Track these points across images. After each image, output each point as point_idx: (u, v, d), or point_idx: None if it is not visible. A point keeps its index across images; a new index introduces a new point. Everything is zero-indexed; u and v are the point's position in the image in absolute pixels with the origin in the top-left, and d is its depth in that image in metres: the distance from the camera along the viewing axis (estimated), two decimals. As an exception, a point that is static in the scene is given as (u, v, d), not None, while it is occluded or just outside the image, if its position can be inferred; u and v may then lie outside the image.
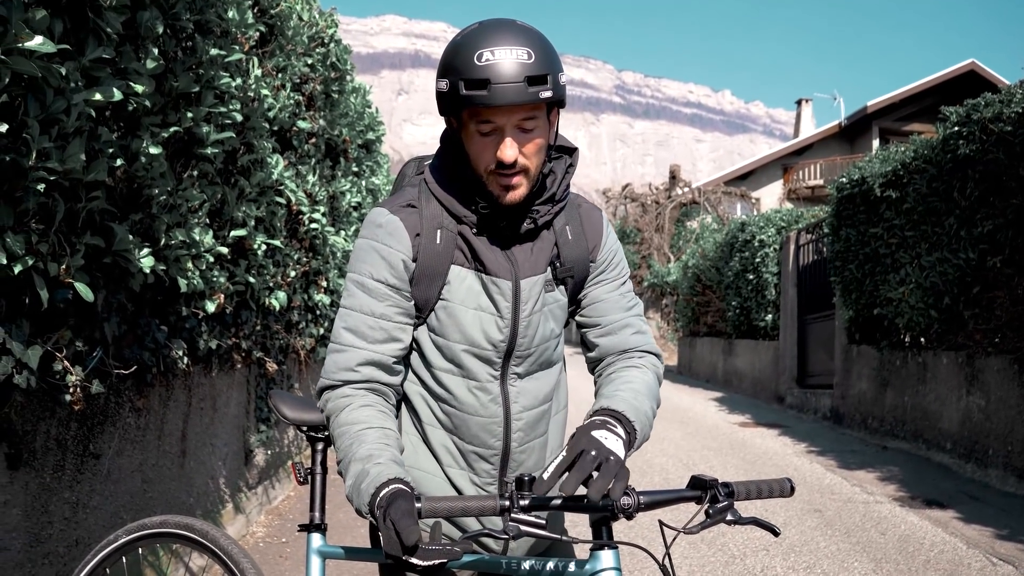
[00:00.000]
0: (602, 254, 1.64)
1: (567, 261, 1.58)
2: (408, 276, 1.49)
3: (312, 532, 1.86)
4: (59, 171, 2.11)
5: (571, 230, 1.60)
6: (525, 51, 1.34)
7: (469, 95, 1.34)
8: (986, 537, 4.86)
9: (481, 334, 1.51)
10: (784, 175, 28.68)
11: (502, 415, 1.55)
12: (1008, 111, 5.79)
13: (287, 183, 4.42)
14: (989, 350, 6.43)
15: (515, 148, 1.40)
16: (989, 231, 6.14)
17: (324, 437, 1.92)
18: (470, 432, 1.55)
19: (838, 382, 9.66)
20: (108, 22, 2.31)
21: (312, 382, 6.30)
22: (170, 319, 3.18)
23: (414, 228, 1.49)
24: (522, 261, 1.53)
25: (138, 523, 2.02)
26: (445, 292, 1.51)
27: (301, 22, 4.75)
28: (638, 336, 1.66)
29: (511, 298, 1.51)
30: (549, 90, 1.36)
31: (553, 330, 1.60)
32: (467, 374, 1.53)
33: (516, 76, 1.33)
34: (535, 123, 1.41)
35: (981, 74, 24.56)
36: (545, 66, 1.35)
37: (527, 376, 1.58)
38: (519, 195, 1.45)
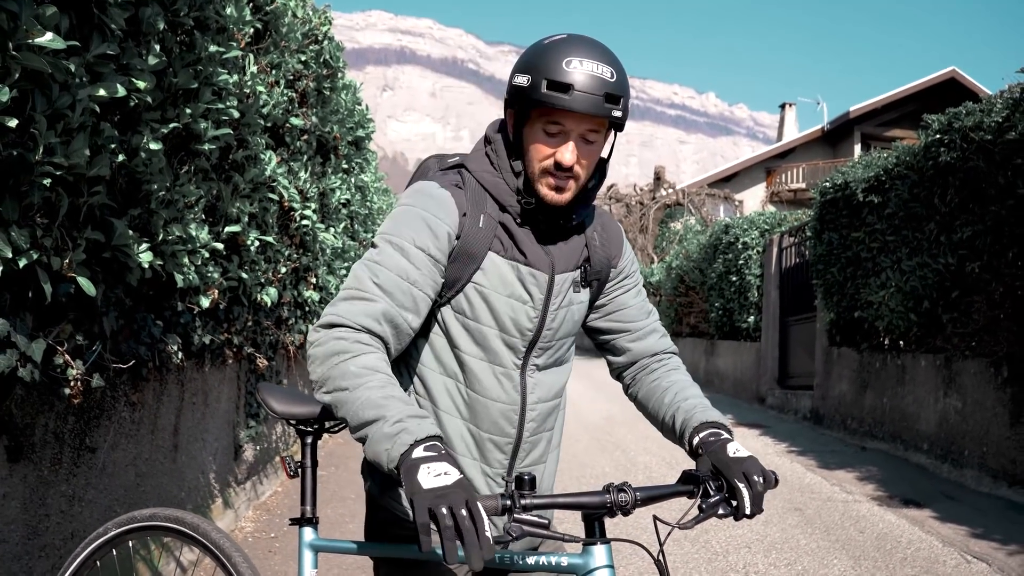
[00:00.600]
0: (623, 262, 1.75)
1: (595, 264, 1.67)
2: (448, 251, 1.51)
3: (304, 526, 1.86)
4: (64, 166, 2.13)
5: (598, 236, 1.69)
6: (609, 70, 1.44)
7: (550, 95, 1.42)
8: (961, 535, 4.96)
9: (511, 321, 1.56)
10: (767, 178, 28.90)
11: (519, 403, 1.60)
12: (988, 120, 5.90)
13: (280, 179, 4.44)
14: (966, 353, 6.55)
15: (575, 154, 1.49)
16: (968, 237, 6.25)
17: (314, 430, 1.91)
18: (489, 419, 1.58)
19: (819, 383, 9.78)
20: (112, 18, 2.33)
21: (300, 377, 6.32)
22: (165, 314, 3.20)
23: (462, 207, 1.53)
24: (557, 256, 1.60)
25: (127, 516, 2.01)
26: (478, 276, 1.54)
27: (295, 19, 4.76)
28: (664, 339, 1.82)
29: (545, 290, 1.58)
30: (620, 111, 1.46)
31: (574, 327, 1.68)
32: (493, 359, 1.57)
33: (597, 89, 1.42)
34: (597, 136, 1.51)
35: (961, 82, 24.88)
36: (622, 89, 1.46)
37: (544, 369, 1.65)
38: (566, 198, 1.53)
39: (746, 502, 1.38)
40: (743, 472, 1.40)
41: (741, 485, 1.39)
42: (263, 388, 1.96)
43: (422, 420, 1.26)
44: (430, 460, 1.18)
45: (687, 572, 4.20)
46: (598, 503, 1.32)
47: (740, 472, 1.40)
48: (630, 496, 1.32)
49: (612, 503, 1.32)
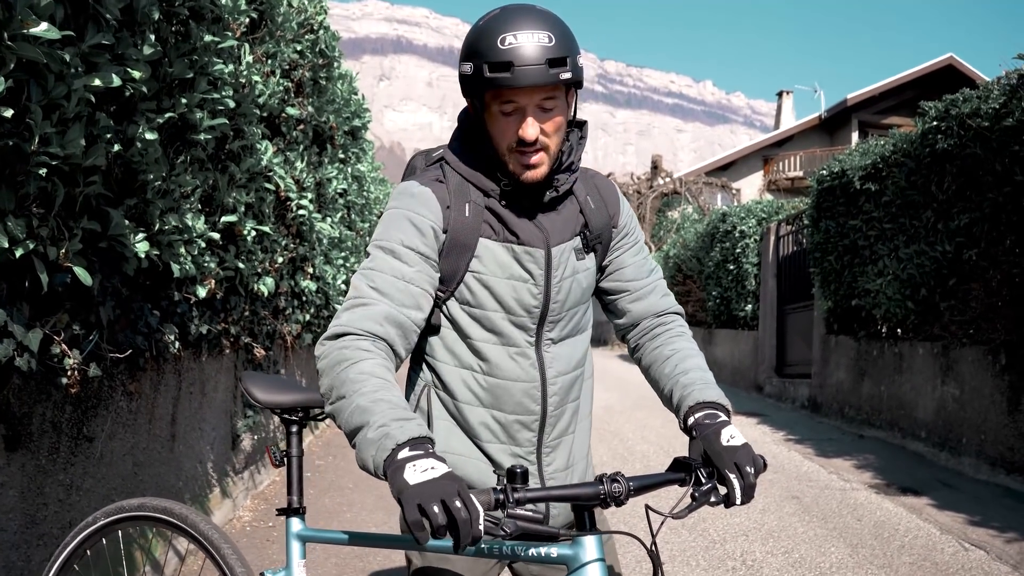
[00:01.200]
0: (622, 220, 1.72)
1: (594, 228, 1.65)
2: (438, 247, 1.52)
3: (291, 516, 1.85)
4: (60, 156, 2.13)
5: (592, 199, 1.67)
6: (546, 35, 1.40)
7: (493, 77, 1.40)
8: (959, 523, 4.99)
9: (515, 301, 1.56)
10: (764, 166, 28.88)
11: (539, 379, 1.60)
12: (985, 107, 5.89)
13: (276, 169, 4.43)
14: (964, 341, 6.57)
15: (536, 127, 1.46)
16: (965, 224, 6.26)
17: (299, 419, 1.90)
18: (512, 400, 1.59)
19: (816, 372, 9.80)
20: (107, 8, 2.32)
21: (297, 367, 6.32)
22: (162, 304, 3.20)
23: (444, 200, 1.54)
24: (551, 229, 1.59)
25: (116, 505, 2.00)
26: (474, 264, 1.55)
27: (291, 8, 4.74)
28: (666, 298, 1.77)
29: (544, 265, 1.57)
30: (569, 72, 1.42)
31: (583, 295, 1.66)
32: (506, 341, 1.58)
33: (538, 59, 1.39)
34: (555, 103, 1.47)
35: (959, 68, 24.83)
36: (564, 49, 1.41)
37: (560, 342, 1.63)
38: (540, 173, 1.51)
39: (737, 493, 1.36)
40: (735, 462, 1.37)
41: (732, 476, 1.36)
42: (246, 377, 1.94)
43: (406, 423, 1.24)
44: (415, 458, 1.17)
45: (684, 560, 4.22)
46: (592, 494, 1.30)
47: (732, 462, 1.37)
48: (623, 486, 1.30)
49: (605, 494, 1.29)
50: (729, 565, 4.14)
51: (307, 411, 1.92)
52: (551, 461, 1.65)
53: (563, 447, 1.67)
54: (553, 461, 1.65)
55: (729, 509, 1.45)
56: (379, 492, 5.25)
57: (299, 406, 1.90)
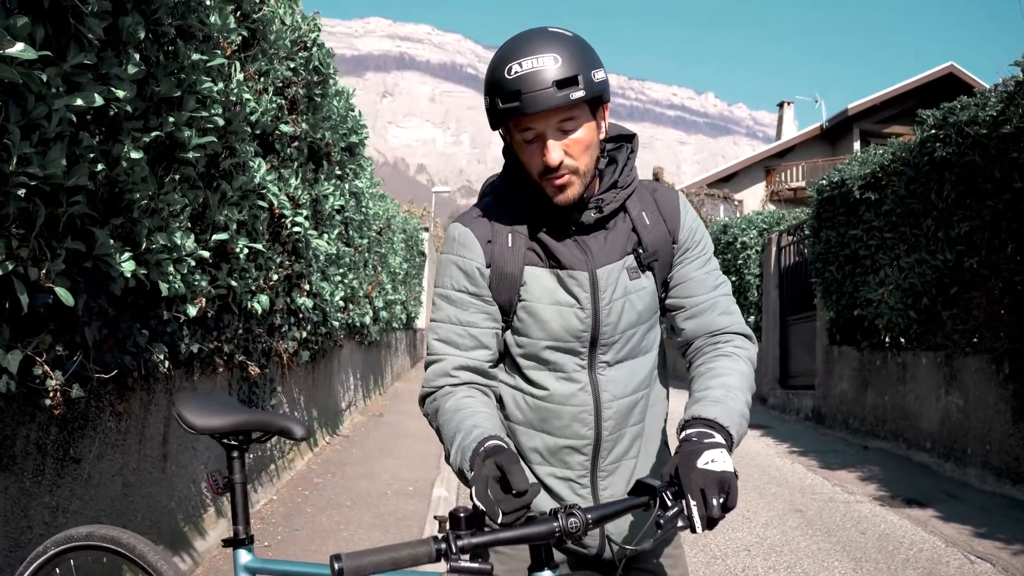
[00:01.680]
0: (683, 233, 1.62)
1: (649, 246, 1.58)
2: (486, 282, 1.55)
3: (238, 548, 1.74)
4: (40, 176, 2.11)
5: (648, 215, 1.60)
6: (551, 56, 1.38)
7: (506, 107, 1.40)
8: (964, 535, 4.92)
9: (561, 327, 1.54)
10: (767, 177, 28.84)
11: (592, 404, 1.56)
12: (983, 114, 5.87)
13: (269, 187, 4.42)
14: (967, 350, 6.51)
15: (559, 150, 1.44)
16: (966, 232, 6.22)
17: (238, 443, 1.78)
18: (561, 424, 1.56)
19: (820, 383, 9.75)
20: (90, 28, 2.32)
21: (295, 385, 6.29)
22: (151, 323, 3.18)
23: (485, 235, 1.56)
24: (596, 251, 1.55)
25: (65, 534, 1.94)
26: (523, 292, 1.55)
27: (284, 26, 4.75)
28: (725, 317, 1.63)
29: (589, 288, 1.54)
30: (581, 90, 1.38)
31: (640, 316, 1.59)
32: (553, 367, 1.56)
33: (544, 83, 1.36)
34: (575, 123, 1.44)
35: (960, 77, 24.81)
36: (574, 67, 1.38)
37: (616, 364, 1.58)
38: (572, 194, 1.48)
39: (696, 521, 1.21)
40: (701, 488, 1.23)
41: (693, 503, 1.22)
42: (179, 401, 1.82)
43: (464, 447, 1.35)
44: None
45: None
46: (545, 532, 1.18)
47: (698, 488, 1.23)
48: (580, 519, 1.19)
49: (561, 530, 1.18)
50: (730, 581, 4.09)
51: (248, 434, 1.78)
52: (608, 486, 1.59)
53: (622, 472, 1.60)
54: (610, 486, 1.59)
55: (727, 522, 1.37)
56: (377, 510, 5.21)
57: (238, 430, 1.77)
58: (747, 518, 5.24)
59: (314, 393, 7.10)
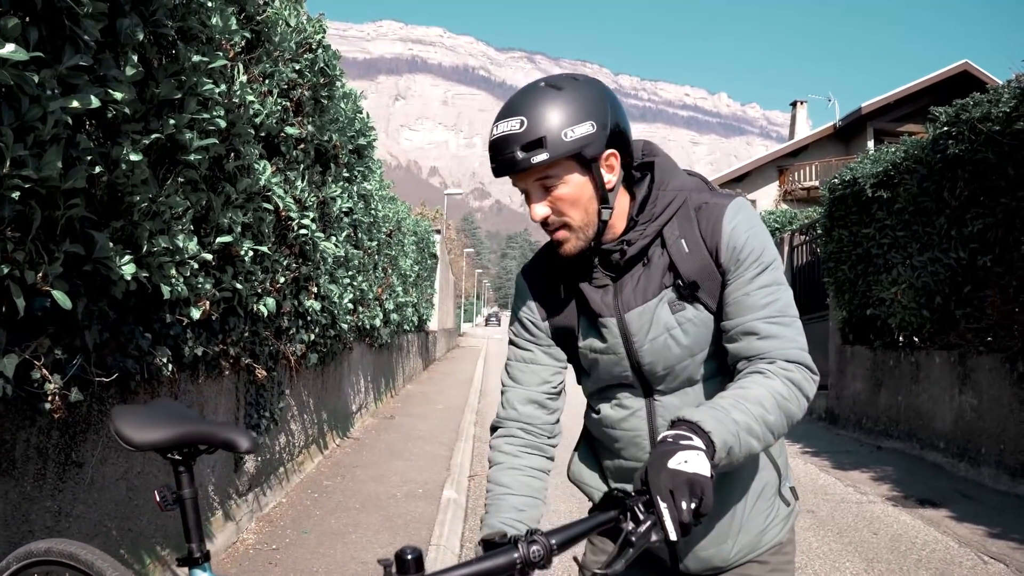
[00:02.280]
0: (724, 252, 1.47)
1: (688, 275, 1.48)
2: (544, 333, 1.67)
3: (193, 567, 1.63)
4: (35, 179, 2.11)
5: (687, 241, 1.50)
6: (519, 120, 1.37)
7: (493, 169, 1.45)
8: (978, 536, 4.86)
9: (608, 373, 1.61)
10: (780, 177, 28.68)
11: (647, 429, 1.59)
12: (996, 111, 5.80)
13: (275, 189, 4.41)
14: (981, 349, 6.44)
15: (543, 207, 1.45)
16: (979, 230, 6.15)
17: (182, 458, 1.67)
18: (620, 446, 1.63)
19: (833, 383, 9.67)
20: (85, 29, 2.31)
21: (304, 388, 6.29)
22: (154, 326, 3.17)
23: (537, 287, 1.68)
24: (628, 293, 1.53)
25: (25, 549, 1.89)
26: (578, 342, 1.63)
27: (288, 28, 4.74)
28: (766, 342, 1.43)
29: (619, 335, 1.55)
30: (544, 153, 1.36)
31: (689, 348, 1.51)
32: (608, 398, 1.65)
33: (509, 148, 1.38)
34: (554, 181, 1.42)
35: (974, 74, 24.59)
36: (540, 129, 1.36)
37: (671, 392, 1.57)
38: (570, 248, 1.49)
39: (668, 527, 1.10)
40: (671, 490, 1.11)
41: (663, 505, 1.11)
42: (115, 415, 1.69)
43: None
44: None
45: (694, 578, 4.12)
46: (505, 565, 1.09)
47: (667, 489, 1.12)
48: (543, 545, 1.10)
49: (522, 561, 1.09)
50: (740, 583, 4.04)
51: (194, 447, 1.66)
52: None
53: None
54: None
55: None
56: (385, 514, 5.19)
57: (181, 444, 1.64)
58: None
59: (323, 396, 7.09)
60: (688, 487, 1.11)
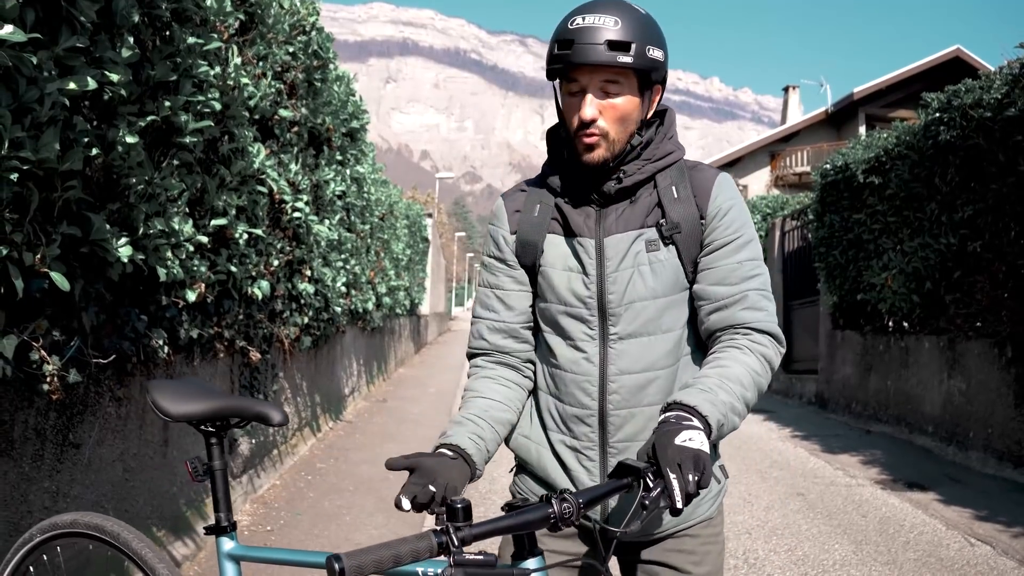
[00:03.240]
0: (711, 209, 1.55)
1: (673, 218, 1.54)
2: (511, 249, 1.66)
3: (220, 535, 1.71)
4: (32, 160, 2.10)
5: (678, 189, 1.57)
6: (612, 19, 1.43)
7: (558, 55, 1.45)
8: (965, 518, 4.93)
9: (569, 292, 1.59)
10: (772, 162, 28.71)
11: (596, 374, 1.57)
12: (987, 97, 5.82)
13: (269, 172, 4.41)
14: (970, 334, 6.50)
15: (594, 108, 1.47)
16: (969, 216, 6.19)
17: (215, 430, 1.75)
18: (567, 391, 1.60)
19: (823, 367, 9.73)
20: (82, 11, 2.30)
21: (297, 371, 6.31)
22: (150, 308, 3.18)
23: (514, 206, 1.67)
24: (611, 220, 1.57)
25: (50, 521, 1.93)
26: (542, 258, 1.62)
27: (282, 10, 4.72)
28: (749, 312, 1.52)
29: (595, 255, 1.56)
30: (629, 57, 1.42)
31: (654, 289, 1.55)
32: (563, 332, 1.61)
33: (596, 39, 1.41)
34: (618, 88, 1.47)
35: (966, 60, 24.61)
36: (630, 34, 1.42)
37: (627, 338, 1.55)
38: (598, 156, 1.51)
39: (676, 494, 1.19)
40: (678, 463, 1.21)
41: (672, 476, 1.20)
42: (152, 387, 1.77)
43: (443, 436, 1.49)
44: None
45: (685, 559, 4.17)
46: (542, 518, 1.17)
47: (675, 462, 1.21)
48: (572, 504, 1.18)
49: (556, 516, 1.17)
50: (731, 564, 4.09)
51: (226, 420, 1.75)
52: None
53: (632, 453, 1.54)
54: None
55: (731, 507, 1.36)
56: (379, 495, 5.22)
57: (215, 416, 1.73)
58: (749, 501, 5.25)
59: (316, 379, 7.11)
60: (693, 461, 1.21)
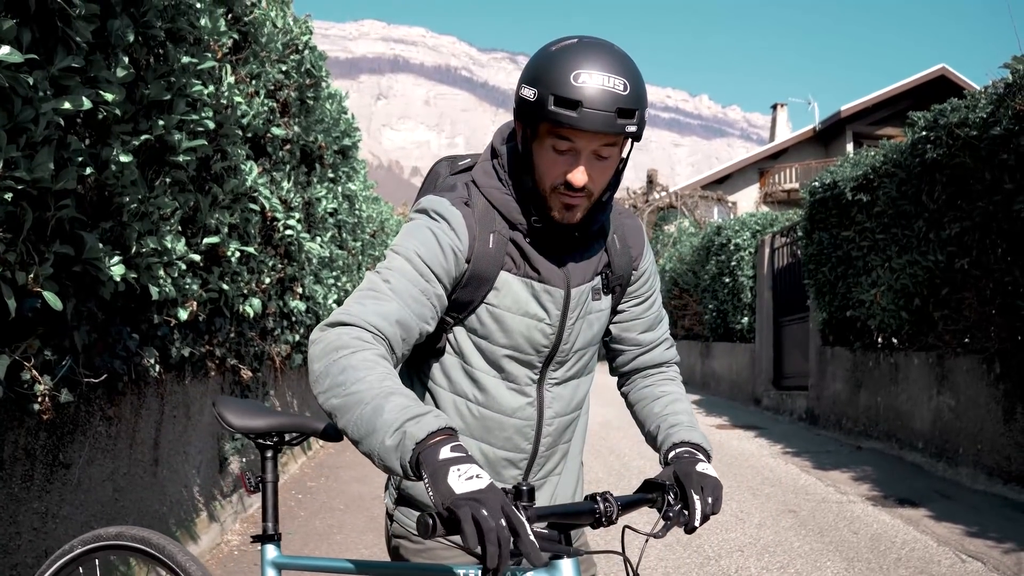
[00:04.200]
0: (643, 264, 1.66)
1: (617, 269, 1.60)
2: (457, 275, 1.45)
3: (266, 543, 1.83)
4: (27, 180, 2.11)
5: (617, 238, 1.61)
6: (622, 82, 1.32)
7: (557, 112, 1.32)
8: (956, 535, 4.94)
9: (526, 340, 1.51)
10: (760, 179, 28.92)
11: (536, 419, 1.56)
12: (973, 116, 5.89)
13: (261, 190, 4.41)
14: (958, 350, 6.53)
15: (586, 174, 1.39)
16: (957, 233, 6.24)
17: (273, 444, 1.86)
18: (503, 435, 1.54)
19: (813, 383, 9.76)
20: (77, 31, 2.31)
21: (288, 389, 6.28)
22: (142, 327, 3.17)
23: (472, 229, 1.47)
24: (573, 269, 1.53)
25: (94, 533, 1.96)
26: (491, 296, 1.48)
27: (275, 29, 4.74)
28: (670, 351, 1.77)
29: (561, 306, 1.52)
30: (635, 125, 1.35)
31: (593, 338, 1.61)
32: (507, 376, 1.53)
33: (608, 105, 1.31)
34: (612, 151, 1.41)
35: (951, 79, 24.92)
36: (636, 100, 1.34)
37: (563, 383, 1.59)
38: (577, 217, 1.46)
39: (697, 514, 1.38)
40: (702, 486, 1.40)
41: (696, 498, 1.38)
42: (219, 402, 1.91)
43: (420, 418, 1.14)
44: (459, 461, 1.09)
45: (678, 577, 4.17)
46: (588, 512, 1.29)
47: (699, 485, 1.40)
48: (613, 505, 1.30)
49: (600, 513, 1.28)
50: (723, 582, 4.09)
51: (282, 436, 1.89)
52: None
53: (547, 487, 1.64)
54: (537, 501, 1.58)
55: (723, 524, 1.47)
56: (370, 514, 5.20)
57: (274, 431, 1.88)
58: (740, 519, 5.25)
59: (307, 396, 7.09)
60: (712, 488, 1.41)
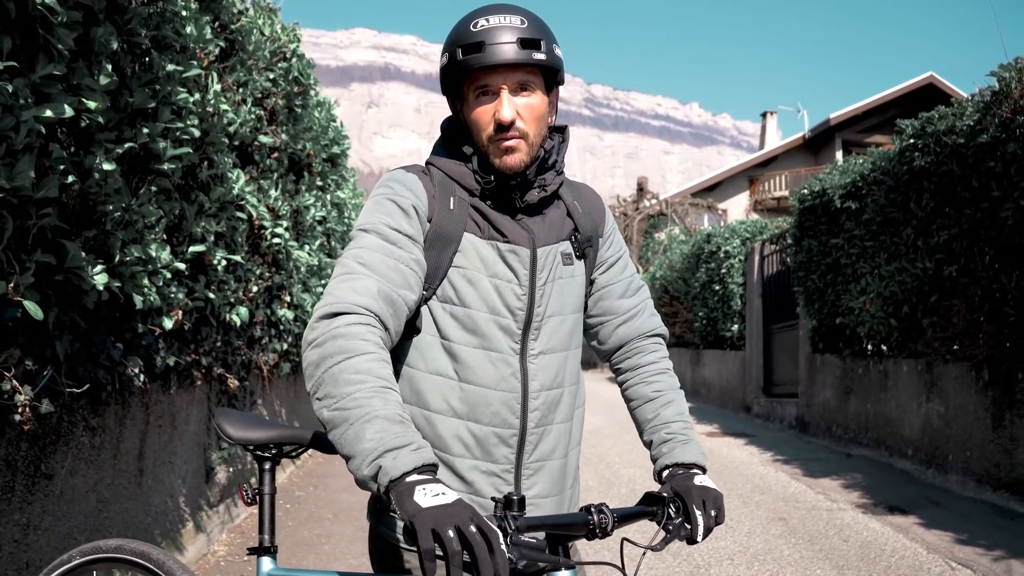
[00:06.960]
0: (607, 228, 1.69)
1: (584, 231, 1.62)
2: (423, 231, 1.46)
3: (262, 555, 1.82)
4: (7, 188, 2.08)
5: (579, 203, 1.64)
6: (519, 18, 1.43)
7: (466, 59, 1.41)
8: (946, 542, 4.93)
9: (500, 301, 1.49)
10: (750, 186, 29.04)
11: (520, 391, 1.51)
12: (960, 124, 5.92)
13: (248, 198, 4.39)
14: (947, 357, 6.55)
15: (512, 108, 1.44)
16: (945, 241, 6.26)
17: (271, 456, 1.87)
18: (489, 411, 1.48)
19: (803, 391, 9.77)
20: (59, 38, 2.29)
21: (276, 398, 6.25)
22: (126, 336, 3.14)
23: (430, 189, 1.51)
24: (538, 231, 1.55)
25: (93, 545, 1.95)
26: (458, 259, 1.48)
27: (263, 37, 4.73)
28: (654, 318, 1.75)
29: (528, 265, 1.52)
30: (542, 54, 1.42)
31: (566, 305, 1.58)
32: (488, 344, 1.48)
33: (508, 37, 1.40)
34: (530, 88, 1.46)
35: (939, 87, 25.10)
36: (538, 32, 1.43)
37: (546, 353, 1.54)
38: (518, 160, 1.47)
39: (699, 528, 1.40)
40: (703, 499, 1.42)
41: (699, 512, 1.40)
42: (219, 414, 1.91)
43: (398, 452, 1.13)
44: (424, 482, 1.10)
45: (668, 586, 4.15)
46: (582, 523, 1.28)
47: (701, 499, 1.42)
48: (608, 517, 1.30)
49: (594, 524, 1.28)
50: (713, 591, 4.07)
51: (280, 448, 1.89)
52: (531, 485, 1.53)
53: (546, 472, 1.55)
54: (534, 485, 1.53)
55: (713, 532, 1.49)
56: (359, 524, 5.16)
57: (272, 443, 1.87)
58: (731, 527, 5.23)
59: (296, 405, 7.05)
60: (714, 501, 1.43)
